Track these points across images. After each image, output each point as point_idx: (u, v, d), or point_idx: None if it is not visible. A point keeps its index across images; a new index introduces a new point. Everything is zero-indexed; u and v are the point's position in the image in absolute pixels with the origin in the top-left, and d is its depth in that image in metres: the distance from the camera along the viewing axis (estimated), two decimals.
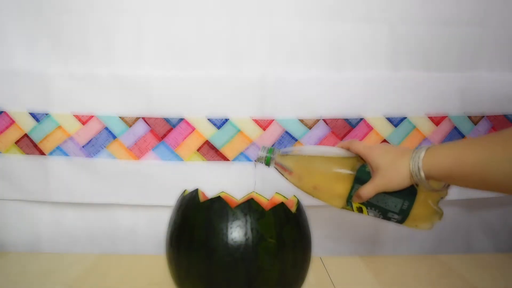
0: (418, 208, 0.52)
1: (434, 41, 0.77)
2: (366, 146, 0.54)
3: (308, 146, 0.75)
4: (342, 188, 0.54)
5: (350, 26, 0.76)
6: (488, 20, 0.77)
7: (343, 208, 0.56)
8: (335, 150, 0.57)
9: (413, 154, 0.49)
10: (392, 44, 0.77)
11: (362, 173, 0.53)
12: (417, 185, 0.50)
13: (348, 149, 0.57)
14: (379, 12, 0.76)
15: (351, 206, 0.55)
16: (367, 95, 0.77)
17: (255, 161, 0.60)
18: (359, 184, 0.53)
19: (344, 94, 0.77)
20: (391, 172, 0.50)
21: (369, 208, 0.54)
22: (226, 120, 0.77)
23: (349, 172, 0.54)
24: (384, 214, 0.54)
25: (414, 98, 0.78)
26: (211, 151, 0.78)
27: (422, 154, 0.48)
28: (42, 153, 0.77)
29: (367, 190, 0.52)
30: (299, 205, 0.56)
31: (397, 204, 0.52)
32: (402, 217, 0.53)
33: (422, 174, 0.48)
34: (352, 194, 0.54)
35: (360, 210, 0.55)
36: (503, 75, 0.79)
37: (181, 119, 0.77)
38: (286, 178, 0.58)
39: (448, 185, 0.52)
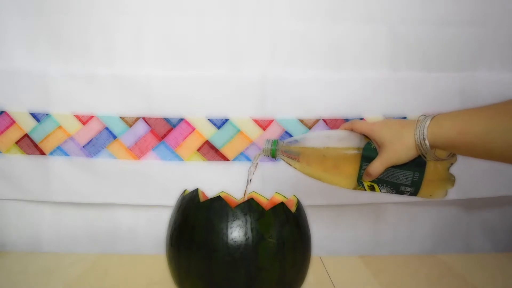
0: (430, 178, 0.52)
1: (433, 41, 0.77)
2: (368, 123, 0.54)
3: (312, 133, 0.75)
4: (351, 169, 0.53)
5: (350, 26, 0.76)
6: (487, 21, 0.77)
7: (354, 188, 0.56)
8: (339, 133, 0.56)
9: (417, 124, 0.49)
10: (392, 44, 0.77)
11: (368, 150, 0.53)
12: (424, 155, 0.50)
13: (351, 130, 0.56)
14: (379, 12, 0.76)
15: (363, 185, 0.54)
16: (367, 95, 0.78)
17: (262, 154, 0.59)
18: (367, 162, 0.52)
19: (343, 94, 0.77)
20: (397, 145, 0.50)
21: (380, 185, 0.54)
22: (226, 120, 0.77)
23: (355, 152, 0.53)
24: (397, 188, 0.53)
25: (413, 98, 0.78)
26: (211, 151, 0.78)
27: (427, 123, 0.48)
28: (42, 153, 0.77)
29: (375, 166, 0.51)
30: (299, 205, 0.56)
31: (408, 177, 0.52)
32: (415, 188, 0.52)
33: (427, 143, 0.48)
34: (362, 173, 0.53)
35: (372, 188, 0.54)
36: (503, 75, 0.79)
37: (181, 119, 0.77)
38: (294, 167, 0.57)
39: (454, 154, 0.52)
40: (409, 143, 0.49)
